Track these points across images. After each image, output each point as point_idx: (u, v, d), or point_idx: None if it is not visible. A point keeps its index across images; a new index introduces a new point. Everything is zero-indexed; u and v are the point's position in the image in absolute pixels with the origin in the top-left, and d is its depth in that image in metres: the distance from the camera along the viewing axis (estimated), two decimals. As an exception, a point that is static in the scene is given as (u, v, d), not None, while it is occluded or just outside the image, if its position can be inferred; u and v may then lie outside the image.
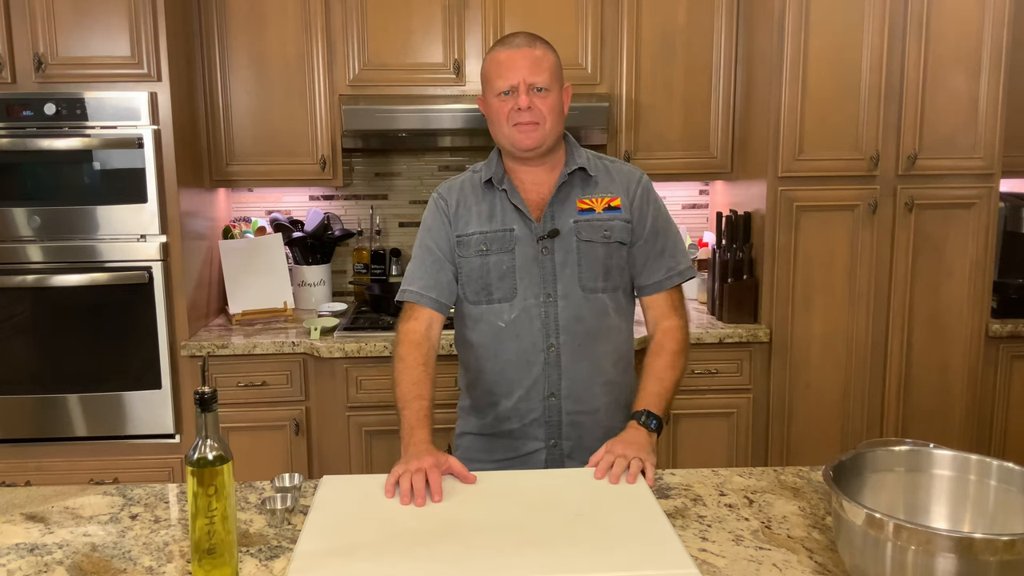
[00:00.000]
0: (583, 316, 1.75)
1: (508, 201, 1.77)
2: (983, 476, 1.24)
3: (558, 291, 1.74)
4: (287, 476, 1.53)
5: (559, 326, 1.75)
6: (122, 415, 2.78)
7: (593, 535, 1.29)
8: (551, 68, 1.73)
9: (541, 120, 1.71)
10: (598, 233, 1.76)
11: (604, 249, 1.76)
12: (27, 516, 1.45)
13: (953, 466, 1.27)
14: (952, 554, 1.02)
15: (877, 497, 1.26)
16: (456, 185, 1.84)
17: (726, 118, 3.06)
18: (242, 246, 3.13)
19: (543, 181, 1.79)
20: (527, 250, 1.75)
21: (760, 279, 2.91)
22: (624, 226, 1.78)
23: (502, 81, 1.71)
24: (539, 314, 1.75)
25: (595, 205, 1.77)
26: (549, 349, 1.75)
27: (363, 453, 2.83)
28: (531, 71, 1.70)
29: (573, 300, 1.75)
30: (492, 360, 1.78)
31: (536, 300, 1.75)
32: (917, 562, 1.04)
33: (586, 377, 1.77)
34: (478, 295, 1.78)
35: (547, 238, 1.74)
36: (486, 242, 1.76)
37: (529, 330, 1.75)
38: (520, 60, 1.71)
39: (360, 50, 2.98)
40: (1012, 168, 3.00)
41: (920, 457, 1.28)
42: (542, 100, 1.71)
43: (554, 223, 1.75)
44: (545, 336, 1.75)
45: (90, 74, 2.67)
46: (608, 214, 1.77)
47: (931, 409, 2.93)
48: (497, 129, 1.76)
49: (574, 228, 1.75)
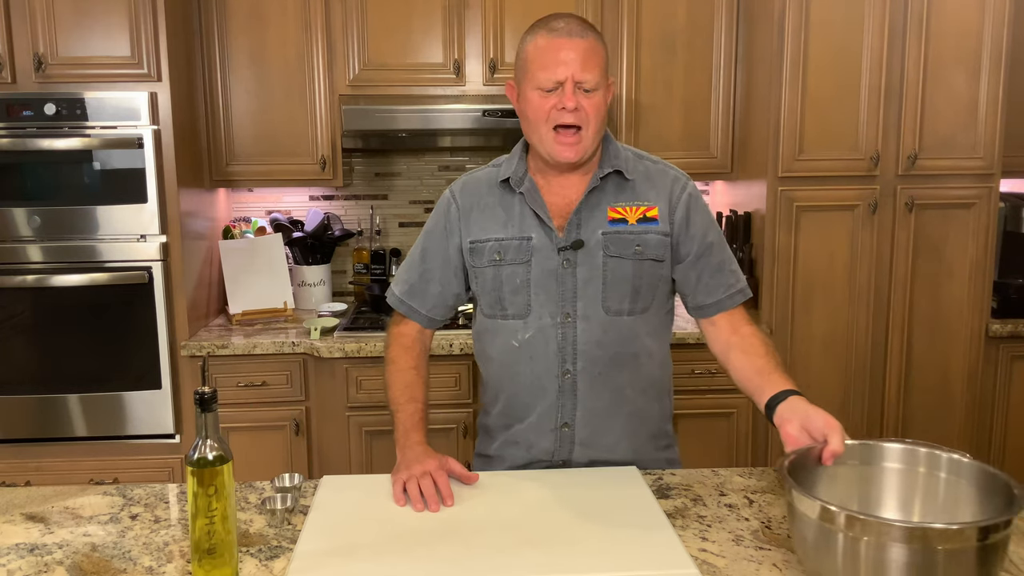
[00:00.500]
0: (605, 341, 1.57)
1: (527, 206, 1.58)
2: (933, 468, 1.26)
3: (578, 311, 1.56)
4: (287, 476, 1.52)
5: (576, 351, 1.57)
6: (122, 415, 2.78)
7: (593, 535, 1.29)
8: (600, 65, 1.50)
9: (585, 125, 1.50)
10: (629, 248, 1.56)
11: (634, 267, 1.56)
12: (27, 516, 1.45)
13: (903, 459, 1.29)
14: (902, 544, 1.02)
15: (831, 490, 1.27)
16: (473, 183, 1.66)
17: (726, 118, 3.06)
18: (242, 246, 3.13)
19: (572, 184, 1.59)
20: (546, 263, 1.56)
21: (760, 279, 2.91)
22: (661, 240, 1.58)
23: (546, 74, 1.48)
24: (555, 336, 1.57)
25: (628, 215, 1.57)
26: (564, 376, 1.58)
27: (363, 453, 2.83)
28: (582, 67, 1.47)
29: (595, 323, 1.56)
30: (508, 381, 1.63)
31: (552, 320, 1.57)
32: (868, 553, 1.05)
33: (605, 408, 1.60)
34: (492, 308, 1.62)
35: (570, 249, 1.55)
36: (500, 250, 1.58)
37: (544, 353, 1.58)
38: (571, 52, 1.47)
39: (360, 50, 2.98)
40: (1012, 168, 2.99)
41: (872, 450, 1.30)
42: (589, 101, 1.49)
43: (579, 233, 1.55)
44: (561, 361, 1.57)
45: (90, 74, 2.67)
46: (642, 226, 1.57)
47: (931, 409, 2.93)
48: (532, 129, 1.55)
49: (602, 241, 1.55)
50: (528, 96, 1.53)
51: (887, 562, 1.03)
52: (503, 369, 1.63)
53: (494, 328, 1.63)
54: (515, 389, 1.63)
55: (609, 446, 1.62)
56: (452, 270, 1.66)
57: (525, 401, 1.62)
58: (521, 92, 1.56)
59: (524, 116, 1.56)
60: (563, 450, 1.62)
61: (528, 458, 1.65)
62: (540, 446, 1.63)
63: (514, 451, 1.66)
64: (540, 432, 1.62)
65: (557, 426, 1.61)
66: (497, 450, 1.69)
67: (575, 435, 1.61)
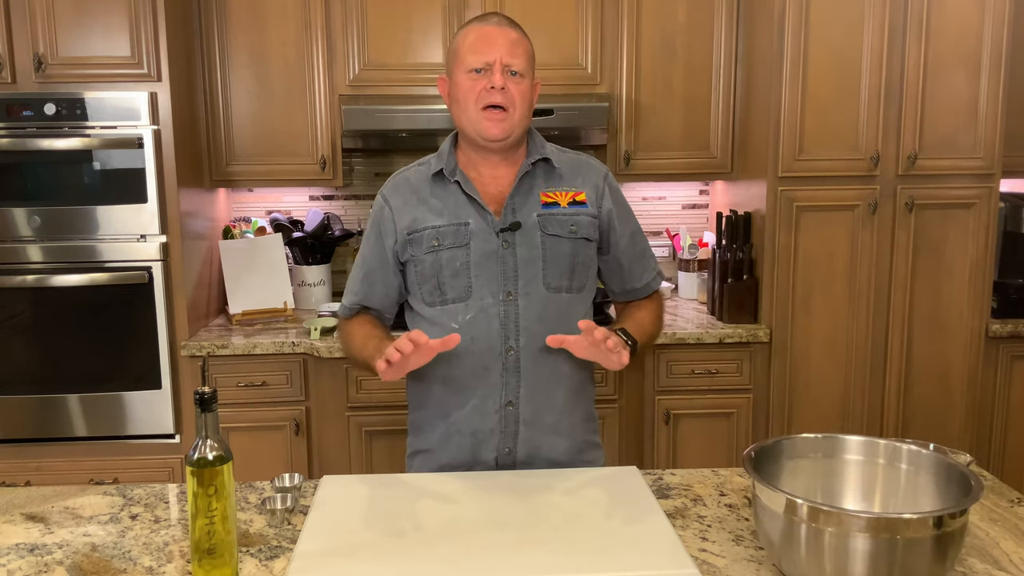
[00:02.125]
0: (546, 316, 1.62)
1: (462, 193, 1.65)
2: (893, 460, 1.30)
3: (519, 289, 1.61)
4: (287, 476, 1.53)
5: (519, 327, 1.61)
6: (122, 415, 2.78)
7: (593, 535, 1.29)
8: (527, 54, 1.63)
9: (511, 106, 1.60)
10: (564, 228, 1.64)
11: (570, 245, 1.65)
12: (27, 516, 1.45)
13: (864, 451, 1.32)
14: (864, 534, 1.06)
15: (793, 482, 1.30)
16: (402, 181, 1.71)
17: (726, 118, 3.06)
18: (242, 246, 3.13)
19: (503, 175, 1.68)
20: (484, 245, 1.62)
21: (760, 279, 2.91)
22: (590, 222, 1.68)
23: (475, 57, 1.60)
24: (497, 314, 1.61)
25: (559, 199, 1.67)
26: (508, 352, 1.61)
27: (363, 453, 2.83)
28: (509, 52, 1.60)
29: (536, 299, 1.62)
30: (444, 367, 1.63)
31: (495, 299, 1.61)
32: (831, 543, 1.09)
33: (546, 383, 1.64)
34: (432, 295, 1.65)
35: (508, 231, 1.62)
36: (438, 237, 1.63)
37: (486, 332, 1.61)
38: (498, 38, 1.60)
39: (360, 50, 2.98)
40: (1012, 168, 3.00)
41: (834, 443, 1.34)
42: (516, 85, 1.60)
43: (515, 216, 1.63)
44: (504, 339, 1.61)
45: (90, 74, 2.67)
46: (573, 208, 1.67)
47: (931, 409, 2.93)
48: (462, 111, 1.63)
49: (538, 222, 1.63)
50: (458, 81, 1.63)
51: (849, 551, 1.08)
52: (441, 357, 1.59)
53: (431, 316, 1.66)
54: (455, 374, 1.64)
55: (551, 425, 1.66)
56: (391, 271, 1.71)
57: (466, 384, 1.64)
58: (452, 80, 1.66)
59: (455, 100, 1.65)
60: (508, 433, 1.63)
61: (472, 444, 1.65)
62: (484, 429, 1.64)
63: (457, 440, 1.66)
64: (484, 414, 1.63)
65: (502, 405, 1.63)
66: (438, 442, 1.69)
67: (519, 413, 1.63)
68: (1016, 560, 1.25)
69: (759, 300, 2.91)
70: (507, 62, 1.59)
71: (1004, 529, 1.36)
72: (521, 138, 1.68)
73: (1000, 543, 1.31)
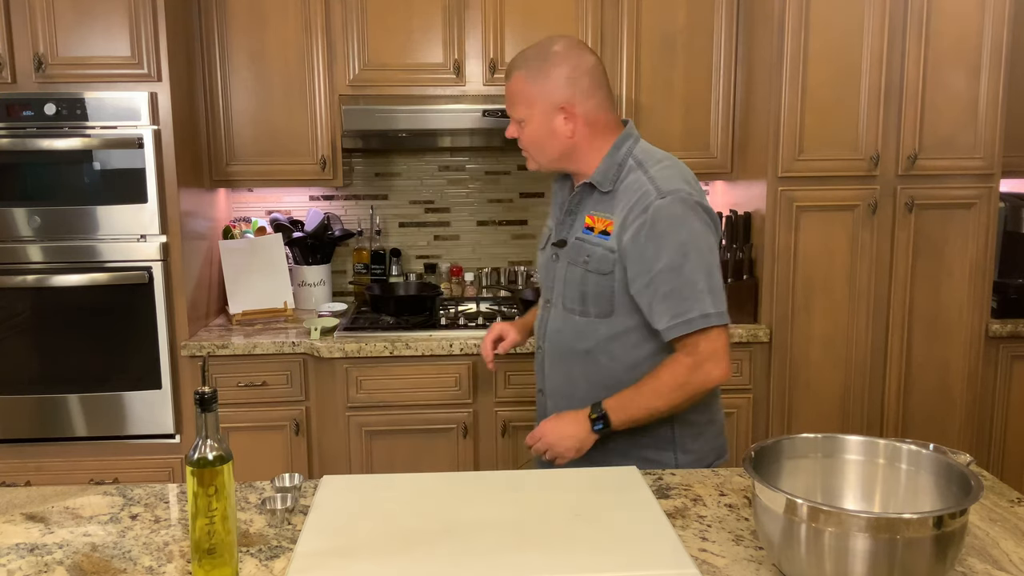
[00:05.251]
0: (563, 331, 1.77)
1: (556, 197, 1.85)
2: (893, 460, 1.30)
3: (553, 299, 1.79)
4: (287, 476, 1.53)
5: (546, 333, 1.81)
6: (122, 415, 2.78)
7: (593, 535, 1.29)
8: (522, 98, 1.70)
9: (526, 151, 1.76)
10: (579, 257, 1.69)
11: (580, 275, 1.69)
12: (27, 516, 1.45)
13: (864, 451, 1.32)
14: (864, 533, 1.06)
15: (793, 482, 1.30)
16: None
17: (726, 118, 3.06)
18: (242, 246, 3.13)
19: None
20: (547, 252, 1.82)
21: (760, 279, 2.91)
22: (605, 256, 1.64)
23: None
24: (542, 315, 1.84)
25: (596, 225, 1.68)
26: (539, 350, 1.85)
27: (363, 453, 2.83)
28: (509, 104, 1.74)
29: (558, 314, 1.78)
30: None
31: (544, 301, 1.84)
32: (831, 543, 1.08)
33: (562, 389, 1.80)
34: None
35: (556, 246, 1.78)
36: (545, 235, 1.87)
37: (538, 326, 1.85)
38: (506, 91, 1.75)
39: (360, 50, 2.98)
40: (1012, 168, 3.00)
41: (834, 443, 1.34)
42: (522, 131, 1.73)
43: (566, 233, 1.76)
44: (540, 337, 1.84)
45: (90, 74, 2.67)
46: (599, 238, 1.67)
47: (931, 409, 2.93)
48: None
49: (574, 245, 1.73)
50: None
51: (849, 551, 1.07)
52: None
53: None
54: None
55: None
56: None
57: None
58: None
59: None
60: (541, 415, 1.85)
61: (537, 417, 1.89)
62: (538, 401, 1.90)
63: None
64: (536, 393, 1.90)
65: (539, 390, 1.88)
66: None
67: (547, 403, 1.84)
68: (1016, 560, 1.26)
69: (759, 300, 2.91)
70: (511, 114, 1.74)
71: (1004, 529, 1.36)
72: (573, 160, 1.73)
73: (1000, 543, 1.31)
